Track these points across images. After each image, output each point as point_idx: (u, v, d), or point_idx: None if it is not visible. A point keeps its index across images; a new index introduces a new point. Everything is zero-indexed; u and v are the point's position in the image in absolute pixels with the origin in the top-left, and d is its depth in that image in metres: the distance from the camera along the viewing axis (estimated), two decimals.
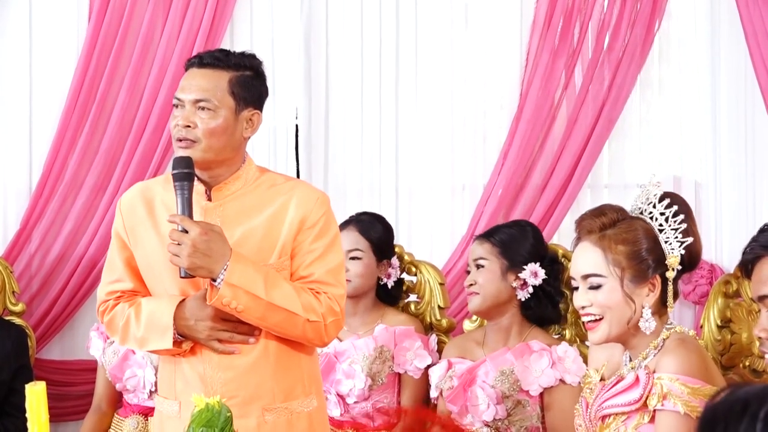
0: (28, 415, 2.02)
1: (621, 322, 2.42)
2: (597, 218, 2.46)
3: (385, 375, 3.46)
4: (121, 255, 2.73)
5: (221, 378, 2.65)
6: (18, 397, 3.37)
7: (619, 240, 2.42)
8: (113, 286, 2.74)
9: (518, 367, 3.14)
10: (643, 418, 2.38)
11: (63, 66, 4.14)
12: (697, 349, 2.41)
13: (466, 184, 4.44)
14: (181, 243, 2.54)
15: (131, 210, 2.73)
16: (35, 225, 4.09)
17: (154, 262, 2.68)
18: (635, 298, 2.42)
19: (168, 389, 2.71)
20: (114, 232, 2.75)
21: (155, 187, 2.76)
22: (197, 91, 2.63)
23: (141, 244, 2.70)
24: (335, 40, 4.35)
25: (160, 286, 2.69)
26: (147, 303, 2.69)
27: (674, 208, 2.43)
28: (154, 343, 2.66)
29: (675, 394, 2.30)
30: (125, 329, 2.69)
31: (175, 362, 2.69)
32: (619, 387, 2.44)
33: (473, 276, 3.29)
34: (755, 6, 4.29)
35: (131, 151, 4.12)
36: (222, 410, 2.11)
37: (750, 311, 2.83)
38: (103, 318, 2.77)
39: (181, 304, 2.63)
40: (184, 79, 2.67)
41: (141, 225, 2.70)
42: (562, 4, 4.32)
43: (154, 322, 2.64)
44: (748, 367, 2.85)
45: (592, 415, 2.49)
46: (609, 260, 2.41)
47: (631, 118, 4.51)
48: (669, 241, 2.43)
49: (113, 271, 2.74)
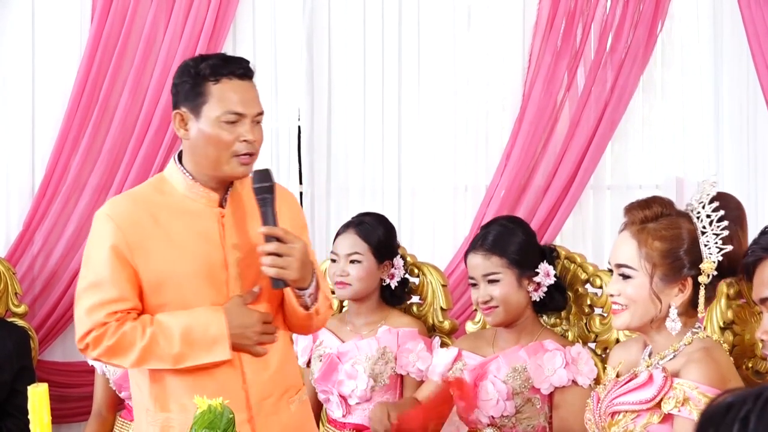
0: (30, 416, 2.02)
1: (644, 317, 2.42)
2: (641, 210, 2.45)
3: (387, 376, 3.45)
4: (123, 272, 2.58)
5: (261, 379, 2.67)
6: (20, 399, 3.37)
7: (657, 236, 2.40)
8: (113, 306, 2.57)
9: (531, 365, 3.13)
10: (653, 418, 2.38)
11: (66, 67, 4.14)
12: (721, 359, 2.39)
13: (469, 185, 4.44)
14: (290, 255, 2.55)
15: (132, 224, 2.60)
16: (38, 226, 4.09)
17: (171, 275, 2.59)
18: (663, 297, 2.41)
19: (187, 402, 2.58)
20: (110, 249, 2.57)
21: (151, 196, 2.66)
22: (258, 105, 2.64)
23: (152, 258, 2.59)
24: (338, 41, 4.35)
25: (175, 300, 2.60)
26: (174, 318, 2.58)
27: (720, 213, 2.39)
28: (199, 357, 2.57)
29: (693, 403, 2.30)
30: (148, 350, 2.56)
31: (196, 374, 2.61)
32: (632, 385, 2.43)
33: (487, 291, 3.19)
34: (757, 7, 4.30)
35: (134, 153, 4.12)
36: (224, 412, 2.12)
37: (753, 313, 2.83)
38: (97, 344, 2.57)
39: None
40: (236, 92, 2.60)
41: (150, 238, 2.60)
42: (565, 5, 4.32)
43: (196, 336, 2.56)
44: (751, 368, 2.84)
45: (602, 411, 2.49)
46: (643, 254, 2.40)
47: (634, 119, 4.51)
48: (708, 245, 2.40)
49: (111, 291, 2.57)
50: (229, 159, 2.60)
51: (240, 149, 2.60)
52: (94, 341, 2.58)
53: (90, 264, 2.61)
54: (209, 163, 2.61)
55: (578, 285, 3.34)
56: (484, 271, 3.20)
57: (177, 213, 2.63)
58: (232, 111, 2.58)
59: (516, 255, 3.19)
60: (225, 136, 2.58)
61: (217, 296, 2.62)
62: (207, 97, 2.59)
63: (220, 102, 2.58)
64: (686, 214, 2.46)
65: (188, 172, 2.66)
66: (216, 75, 2.60)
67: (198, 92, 2.60)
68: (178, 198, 2.65)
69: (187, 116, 2.62)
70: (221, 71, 2.60)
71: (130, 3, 4.10)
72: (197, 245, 2.62)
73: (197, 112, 2.60)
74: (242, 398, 2.63)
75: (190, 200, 2.65)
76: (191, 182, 2.66)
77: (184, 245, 2.60)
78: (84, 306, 2.59)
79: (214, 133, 2.59)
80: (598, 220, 4.51)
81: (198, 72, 2.61)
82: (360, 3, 4.35)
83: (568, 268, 3.35)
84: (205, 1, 4.14)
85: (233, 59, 2.66)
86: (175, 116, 2.64)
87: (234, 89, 2.60)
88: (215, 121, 2.58)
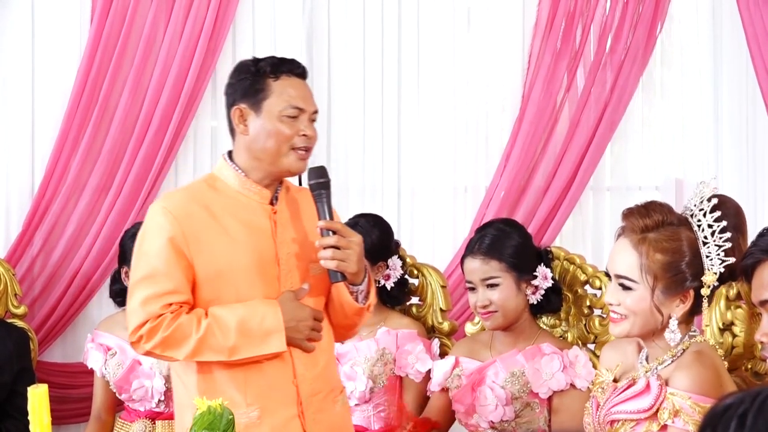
0: (30, 417, 2.02)
1: (644, 328, 2.37)
2: (641, 218, 2.37)
3: (386, 377, 3.46)
4: (179, 265, 2.60)
5: (310, 375, 2.70)
6: (20, 400, 3.36)
7: (659, 248, 2.34)
8: (169, 298, 2.59)
9: (529, 369, 3.12)
10: (652, 426, 2.35)
11: (65, 67, 4.14)
12: (712, 365, 2.35)
13: (469, 186, 4.44)
14: (349, 248, 2.62)
15: (188, 216, 2.63)
16: (37, 227, 4.09)
17: (226, 268, 2.63)
18: (664, 310, 2.36)
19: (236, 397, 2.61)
20: (167, 242, 2.60)
21: (204, 191, 2.70)
22: (314, 103, 2.73)
23: (208, 250, 2.62)
24: (337, 43, 4.35)
25: (229, 294, 2.63)
26: (230, 310, 2.60)
27: (723, 224, 2.33)
28: (254, 349, 2.60)
29: (686, 414, 2.27)
30: (203, 341, 2.58)
31: (247, 368, 2.63)
32: (629, 393, 2.40)
33: (486, 296, 3.18)
34: (756, 9, 4.30)
35: (134, 153, 4.12)
36: (224, 413, 2.11)
37: (752, 314, 2.83)
38: (151, 335, 2.59)
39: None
40: (296, 88, 2.69)
41: (206, 231, 2.63)
42: (564, 6, 4.32)
43: (251, 328, 2.59)
44: (750, 369, 2.84)
45: (601, 418, 2.46)
46: (644, 267, 2.34)
47: (634, 120, 4.52)
48: (710, 256, 2.35)
49: (167, 283, 2.60)
50: (288, 152, 2.67)
51: (298, 143, 2.67)
52: (149, 333, 2.59)
53: (145, 256, 2.64)
54: (268, 156, 2.67)
55: (578, 286, 3.34)
56: (483, 276, 3.18)
57: (230, 208, 2.67)
58: (294, 105, 2.66)
59: (515, 259, 3.18)
60: (286, 130, 2.66)
61: (268, 291, 2.65)
62: (268, 92, 2.67)
63: (282, 97, 2.67)
64: (686, 220, 2.39)
65: (240, 169, 2.71)
66: (276, 72, 2.68)
67: (258, 88, 2.67)
68: (231, 194, 2.70)
69: (247, 112, 2.68)
70: (281, 68, 2.69)
71: (130, 3, 4.10)
72: (251, 240, 2.66)
73: (258, 107, 2.67)
74: (293, 393, 2.67)
75: (242, 196, 2.70)
76: (244, 179, 2.70)
77: (239, 239, 2.64)
78: (139, 297, 2.61)
79: (275, 127, 2.66)
80: (598, 221, 4.51)
81: (258, 69, 2.69)
82: (359, 3, 4.35)
83: (568, 269, 3.35)
84: (204, 2, 4.14)
85: (289, 59, 2.74)
86: (234, 112, 2.69)
87: (293, 86, 2.69)
88: (277, 115, 2.66)
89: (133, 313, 2.62)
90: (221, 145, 4.28)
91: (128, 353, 3.63)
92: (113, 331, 3.69)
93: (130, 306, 2.64)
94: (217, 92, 4.27)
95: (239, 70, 2.73)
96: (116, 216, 4.09)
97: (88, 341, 3.74)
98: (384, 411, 3.49)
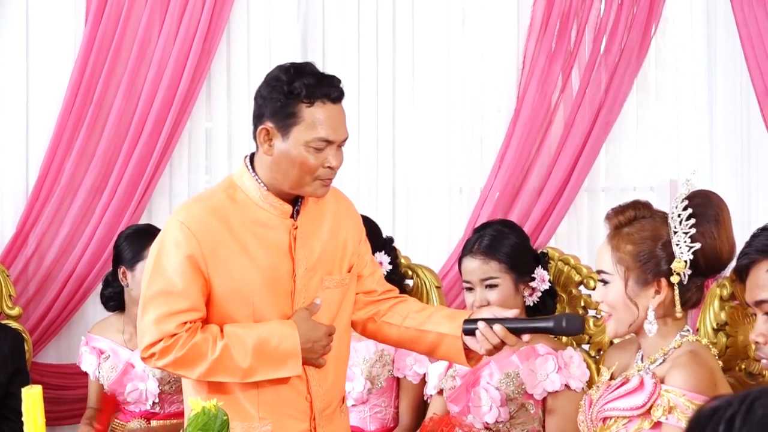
0: (24, 418, 2.01)
1: (625, 322, 2.43)
2: (616, 215, 2.47)
3: (384, 379, 3.45)
4: (196, 282, 2.53)
5: (323, 390, 2.69)
6: (14, 401, 3.37)
7: (629, 240, 2.42)
8: (184, 316, 2.52)
9: (523, 370, 3.12)
10: (644, 424, 2.37)
11: (60, 68, 4.13)
12: (707, 364, 2.38)
13: (463, 187, 4.44)
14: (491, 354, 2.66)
15: (208, 232, 2.55)
16: (32, 228, 4.08)
17: (243, 286, 2.57)
18: (639, 301, 2.41)
19: (241, 414, 2.58)
20: (186, 259, 2.52)
21: (224, 205, 2.60)
22: (346, 130, 2.60)
23: (226, 269, 2.55)
24: (332, 43, 4.35)
25: (243, 310, 2.57)
26: (247, 330, 2.55)
27: (689, 212, 2.39)
28: (269, 372, 2.56)
29: (680, 410, 2.29)
30: (219, 363, 2.52)
31: (261, 385, 2.59)
32: (623, 390, 2.43)
33: (484, 296, 3.17)
34: (750, 10, 4.31)
35: (128, 154, 4.11)
36: (218, 414, 2.11)
37: (746, 314, 2.83)
38: (164, 354, 2.52)
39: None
40: (328, 117, 2.54)
41: (224, 248, 2.55)
42: (559, 6, 4.33)
43: (268, 350, 2.54)
44: (744, 370, 2.85)
45: (594, 415, 2.48)
46: (616, 259, 2.42)
47: (628, 121, 4.52)
48: (679, 244, 2.40)
49: (182, 301, 2.52)
50: (311, 182, 2.57)
51: (322, 175, 2.57)
52: (162, 351, 2.52)
53: (161, 271, 2.54)
54: (289, 182, 2.57)
55: (572, 287, 3.34)
56: (483, 276, 3.18)
57: (250, 223, 2.59)
58: (323, 138, 2.54)
59: (514, 260, 3.18)
60: (311, 161, 2.54)
61: (283, 307, 2.61)
62: (298, 119, 2.53)
63: (312, 127, 2.53)
64: (663, 215, 2.46)
65: (262, 182, 2.61)
66: (311, 97, 2.53)
67: (289, 112, 2.54)
68: (251, 208, 2.60)
69: (274, 133, 2.56)
70: (317, 93, 2.53)
71: (124, 4, 4.09)
72: (268, 257, 2.59)
73: (286, 131, 2.54)
74: (306, 409, 2.65)
75: (262, 211, 2.61)
76: (265, 192, 2.61)
77: (256, 257, 2.57)
78: (152, 315, 2.53)
79: (300, 156, 2.54)
80: (593, 222, 4.51)
81: (291, 91, 2.53)
82: (354, 4, 4.35)
83: (562, 270, 3.35)
84: (199, 3, 4.13)
85: (327, 78, 2.58)
86: (260, 132, 2.57)
87: (326, 114, 2.54)
88: (304, 144, 2.54)
89: (146, 330, 2.55)
90: (216, 147, 4.28)
91: (121, 356, 3.63)
92: (106, 335, 3.69)
93: (143, 322, 2.56)
94: (211, 93, 4.27)
95: (272, 86, 2.57)
96: (111, 217, 4.09)
97: (82, 344, 3.73)
98: (380, 412, 3.49)
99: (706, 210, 2.42)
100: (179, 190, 4.25)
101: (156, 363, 2.56)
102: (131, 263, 3.56)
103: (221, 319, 2.57)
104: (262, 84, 2.61)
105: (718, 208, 2.43)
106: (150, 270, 2.58)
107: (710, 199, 2.45)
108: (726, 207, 2.45)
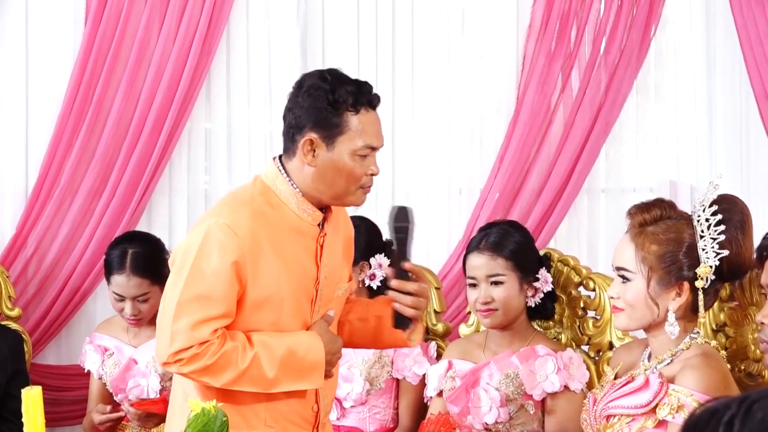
0: (23, 419, 2.01)
1: (641, 321, 2.44)
2: (641, 213, 2.45)
3: (383, 380, 3.45)
4: (234, 289, 2.46)
5: (328, 398, 2.71)
6: (14, 402, 3.36)
7: (654, 240, 2.41)
8: (217, 323, 2.45)
9: (523, 370, 3.12)
10: (648, 423, 2.37)
11: (59, 69, 4.13)
12: (720, 367, 2.39)
13: (463, 188, 4.44)
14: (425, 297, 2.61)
15: (252, 240, 2.48)
16: (31, 229, 4.08)
17: (274, 295, 2.52)
18: (660, 301, 2.41)
19: (247, 421, 2.56)
20: (231, 265, 2.44)
21: (264, 209, 2.54)
22: (383, 136, 2.61)
23: (263, 275, 2.49)
24: (332, 44, 4.35)
25: (268, 318, 2.52)
26: (277, 341, 2.50)
27: (718, 217, 2.39)
28: (293, 383, 2.52)
29: (688, 410, 2.29)
30: (247, 372, 2.46)
31: (274, 395, 2.55)
32: (627, 389, 2.43)
33: (488, 292, 3.17)
34: (749, 11, 4.31)
35: (128, 155, 4.11)
36: (218, 414, 2.11)
37: (745, 315, 2.83)
38: (193, 361, 2.44)
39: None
40: (373, 125, 2.55)
41: (264, 256, 2.50)
42: (559, 7, 4.32)
43: (294, 361, 2.51)
44: (744, 370, 2.85)
45: (598, 413, 2.49)
46: (640, 258, 2.41)
47: (628, 122, 4.52)
48: (706, 249, 2.39)
49: (219, 307, 2.45)
50: (356, 191, 2.56)
51: (366, 182, 2.56)
52: (191, 358, 2.44)
53: (201, 274, 2.45)
54: (333, 192, 2.54)
55: (571, 288, 3.34)
56: (489, 272, 3.18)
57: (285, 230, 2.55)
58: (370, 145, 2.54)
59: (520, 259, 3.20)
60: (357, 170, 2.53)
61: (305, 314, 2.59)
62: (345, 128, 2.51)
63: (360, 135, 2.52)
64: (687, 216, 2.45)
65: (297, 187, 2.56)
66: (356, 105, 2.51)
67: (335, 122, 2.50)
68: (287, 215, 2.56)
69: (318, 143, 2.51)
70: (360, 100, 2.52)
71: (124, 5, 4.09)
72: (299, 264, 2.56)
73: (331, 141, 2.51)
74: (311, 418, 2.65)
75: (296, 218, 2.57)
76: (301, 199, 2.56)
77: (290, 264, 2.54)
78: (188, 320, 2.44)
79: (347, 165, 2.52)
80: (593, 223, 4.51)
81: (337, 99, 2.50)
82: (354, 5, 4.35)
83: (562, 270, 3.35)
84: (198, 4, 4.13)
85: (364, 86, 2.57)
86: (304, 143, 2.52)
87: (371, 121, 2.55)
88: (351, 153, 2.52)
89: (177, 333, 2.44)
90: (215, 147, 4.28)
91: (125, 353, 3.64)
92: (111, 333, 3.72)
93: (176, 325, 2.44)
94: (211, 94, 4.27)
95: (315, 95, 2.52)
96: (110, 218, 4.08)
97: (86, 343, 3.75)
98: (379, 413, 3.49)
99: (732, 216, 2.42)
100: (179, 190, 4.25)
101: (181, 369, 2.47)
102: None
103: (245, 325, 2.51)
104: (299, 93, 2.56)
105: (743, 215, 2.43)
106: (189, 271, 2.46)
107: (736, 204, 2.45)
108: (749, 213, 2.46)
